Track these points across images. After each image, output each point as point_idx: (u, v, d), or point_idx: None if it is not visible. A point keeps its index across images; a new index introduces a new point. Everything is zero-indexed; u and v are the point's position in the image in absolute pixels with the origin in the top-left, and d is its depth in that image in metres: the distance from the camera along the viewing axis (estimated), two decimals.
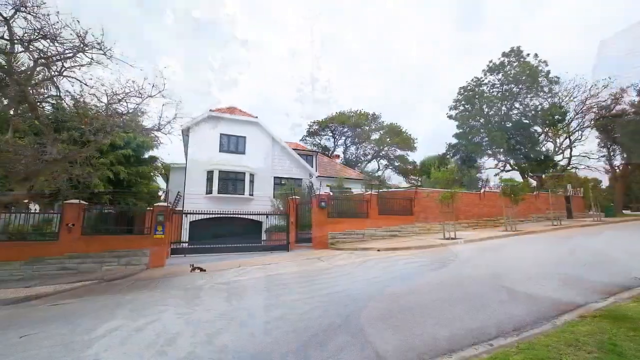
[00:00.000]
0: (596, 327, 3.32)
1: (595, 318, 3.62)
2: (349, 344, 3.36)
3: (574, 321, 3.61)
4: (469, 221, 17.64)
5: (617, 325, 3.34)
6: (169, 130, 7.48)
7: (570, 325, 3.48)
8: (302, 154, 23.40)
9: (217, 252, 12.61)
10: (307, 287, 6.14)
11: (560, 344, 3.00)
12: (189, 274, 8.50)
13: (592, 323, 3.46)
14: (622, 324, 3.36)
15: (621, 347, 2.83)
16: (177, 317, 4.68)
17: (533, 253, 8.65)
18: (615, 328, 3.28)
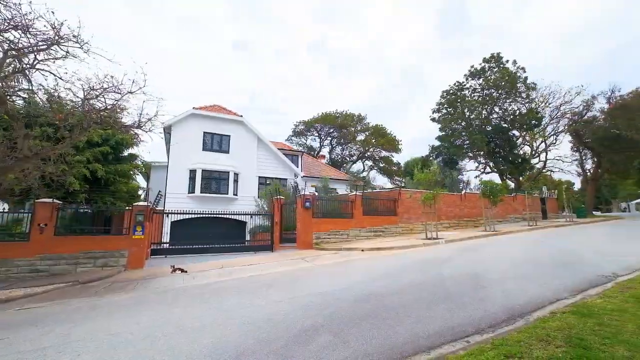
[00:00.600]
0: (565, 323, 3.49)
1: (564, 314, 3.80)
2: (331, 344, 3.38)
3: (545, 317, 3.77)
4: (450, 221, 18.10)
5: (584, 321, 3.52)
6: (150, 128, 7.26)
7: (542, 321, 3.64)
8: (288, 153, 23.31)
9: (199, 252, 12.38)
10: (290, 287, 6.12)
11: (532, 339, 3.13)
12: (170, 276, 8.30)
13: (562, 319, 3.63)
14: (588, 319, 3.55)
15: (587, 341, 2.99)
16: (156, 319, 4.56)
17: (510, 253, 8.97)
18: (582, 323, 3.45)
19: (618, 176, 33.77)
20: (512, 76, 27.16)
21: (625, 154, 26.25)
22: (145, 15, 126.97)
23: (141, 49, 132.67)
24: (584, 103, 28.03)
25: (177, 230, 16.28)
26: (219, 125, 19.45)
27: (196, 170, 17.99)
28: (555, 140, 30.35)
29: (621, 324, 3.40)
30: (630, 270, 6.05)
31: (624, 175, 32.74)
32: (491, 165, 30.90)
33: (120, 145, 12.86)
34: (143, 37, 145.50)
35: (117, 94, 6.86)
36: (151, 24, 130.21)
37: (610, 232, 13.41)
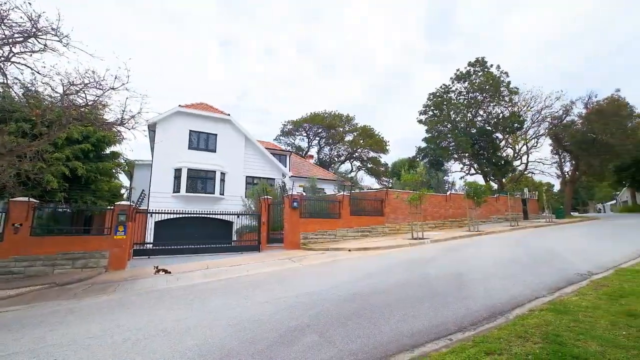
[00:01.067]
0: (543, 320, 3.61)
1: (542, 311, 3.93)
2: (317, 344, 3.38)
3: (524, 315, 3.89)
4: (435, 222, 18.42)
5: (561, 318, 3.65)
6: (133, 125, 7.05)
7: (521, 318, 3.75)
8: (276, 153, 23.18)
9: (184, 253, 12.14)
10: (277, 287, 6.09)
11: (511, 336, 3.22)
12: (153, 277, 8.11)
13: (540, 316, 3.76)
14: (564, 316, 3.68)
15: (562, 337, 3.10)
16: (138, 322, 4.44)
17: (492, 252, 9.20)
18: (558, 320, 3.58)
19: (594, 178, 35.23)
20: (496, 80, 27.89)
21: (601, 157, 27.38)
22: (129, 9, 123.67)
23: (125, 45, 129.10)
24: (563, 108, 29.12)
25: (161, 231, 15.92)
26: (206, 123, 19.15)
27: (182, 169, 17.64)
28: (536, 143, 31.38)
29: (594, 320, 3.54)
30: (604, 269, 6.31)
31: (600, 177, 34.19)
32: (475, 167, 31.66)
33: (102, 143, 12.47)
34: (127, 33, 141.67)
35: (98, 89, 6.63)
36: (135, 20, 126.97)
37: (586, 233, 13.96)
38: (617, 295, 4.41)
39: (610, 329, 3.28)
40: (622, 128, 26.05)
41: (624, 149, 25.90)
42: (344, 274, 7.14)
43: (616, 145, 25.55)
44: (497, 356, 2.82)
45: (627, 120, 27.02)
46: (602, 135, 26.06)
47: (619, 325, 3.37)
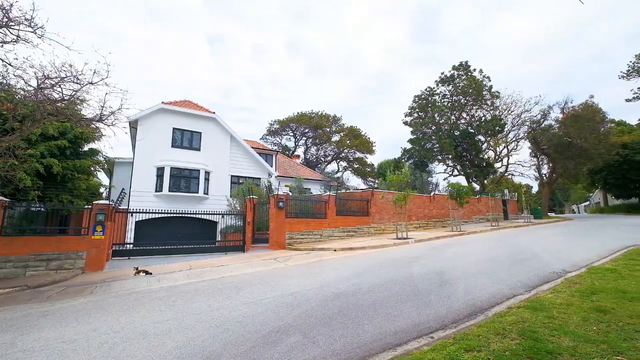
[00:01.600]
0: (520, 317, 3.73)
1: (519, 309, 4.06)
2: (300, 344, 3.37)
3: (502, 312, 4.01)
4: (420, 222, 18.75)
5: (536, 314, 3.79)
6: (113, 122, 6.80)
7: (499, 316, 3.86)
8: (262, 152, 22.97)
9: (166, 253, 11.85)
10: (261, 288, 6.03)
11: (490, 333, 3.31)
12: (133, 278, 7.86)
13: (517, 313, 3.88)
14: (540, 313, 3.82)
15: (538, 333, 3.22)
16: (115, 325, 4.30)
17: (474, 252, 9.45)
18: (534, 317, 3.71)
19: (570, 181, 36.75)
20: (479, 84, 28.66)
21: (576, 161, 28.61)
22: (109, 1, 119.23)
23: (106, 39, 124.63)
24: (542, 112, 30.24)
25: (142, 231, 15.48)
26: (190, 121, 18.76)
27: (164, 168, 17.21)
28: (516, 146, 32.47)
29: (568, 316, 3.69)
30: (577, 267, 6.59)
31: (575, 180, 35.70)
32: (458, 168, 32.42)
33: (80, 140, 11.95)
34: (108, 27, 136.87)
35: (76, 84, 6.37)
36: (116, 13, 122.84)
37: (562, 233, 14.54)
38: (589, 292, 4.62)
39: (582, 325, 3.43)
40: (595, 133, 27.33)
41: (596, 153, 27.17)
42: (329, 274, 7.15)
43: (590, 149, 26.77)
44: (477, 353, 2.89)
45: (600, 125, 28.37)
46: (577, 140, 27.24)
47: (590, 321, 3.52)
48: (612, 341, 2.99)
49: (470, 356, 2.84)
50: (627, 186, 33.43)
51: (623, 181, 32.88)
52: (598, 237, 11.83)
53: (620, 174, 32.15)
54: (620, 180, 32.94)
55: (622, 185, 33.58)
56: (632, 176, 31.64)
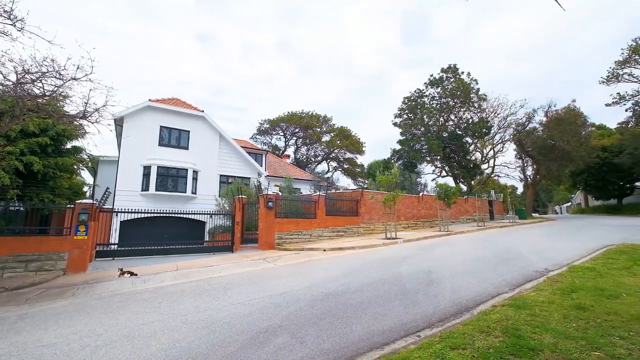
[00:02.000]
0: (504, 315, 3.81)
1: (503, 307, 4.15)
2: (288, 344, 3.35)
3: (487, 310, 4.09)
4: (408, 222, 18.96)
5: (520, 312, 3.88)
6: (97, 119, 6.62)
7: (484, 314, 3.94)
8: (251, 152, 22.79)
9: (152, 254, 11.61)
10: (250, 289, 5.98)
11: (475, 331, 3.38)
12: (117, 279, 7.67)
13: (501, 311, 3.97)
14: (523, 311, 3.92)
15: (520, 331, 3.30)
16: (98, 327, 4.18)
17: (461, 251, 9.62)
18: (517, 315, 3.80)
19: (553, 182, 37.86)
20: (467, 87, 29.20)
21: (558, 163, 29.50)
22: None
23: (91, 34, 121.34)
24: (526, 115, 31.09)
25: (128, 231, 15.13)
26: (178, 119, 18.44)
27: (151, 167, 16.86)
28: (502, 148, 33.23)
29: (549, 314, 3.80)
30: (559, 266, 6.79)
31: (558, 181, 36.80)
32: (446, 169, 32.95)
33: (62, 137, 11.56)
34: (95, 21, 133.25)
35: (58, 79, 6.17)
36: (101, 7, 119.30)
37: (545, 233, 14.96)
38: (569, 290, 4.76)
39: (563, 322, 3.53)
40: (577, 136, 28.25)
41: (578, 156, 28.09)
42: (319, 274, 7.15)
43: (572, 151, 27.66)
44: (462, 351, 2.94)
45: (582, 128, 29.35)
46: (559, 142, 28.09)
47: (570, 318, 3.63)
48: (591, 337, 3.09)
49: (455, 354, 2.88)
50: (606, 188, 34.69)
51: (603, 183, 34.10)
52: (579, 237, 12.22)
53: (600, 176, 33.34)
54: (600, 182, 34.16)
55: (601, 186, 34.81)
56: (611, 178, 32.85)
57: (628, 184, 34.11)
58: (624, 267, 6.23)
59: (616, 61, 25.99)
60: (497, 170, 34.68)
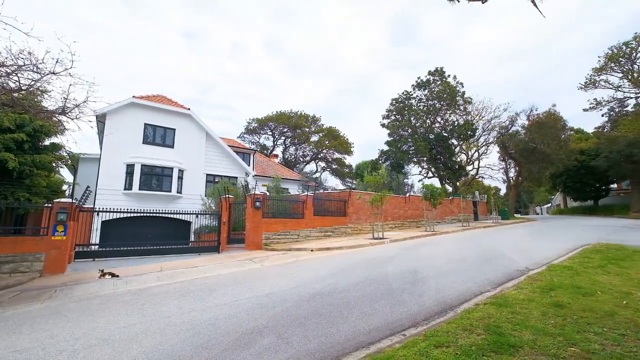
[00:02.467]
0: (486, 313, 3.90)
1: (486, 305, 4.25)
2: (274, 345, 3.33)
3: (470, 309, 4.18)
4: (395, 222, 19.18)
5: (501, 310, 3.98)
6: (77, 115, 6.39)
7: (467, 312, 4.02)
8: (239, 151, 22.55)
9: (135, 255, 11.31)
10: (236, 289, 5.90)
11: (458, 329, 3.44)
12: (97, 281, 7.43)
13: (483, 310, 4.06)
14: (504, 309, 4.02)
15: (502, 328, 3.38)
16: (76, 331, 4.04)
17: (446, 251, 9.80)
18: (499, 312, 3.90)
19: (534, 184, 39.12)
20: (452, 90, 29.78)
21: (539, 165, 30.52)
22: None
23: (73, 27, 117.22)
24: (509, 119, 32.00)
25: (109, 231, 14.70)
26: (163, 117, 18.04)
27: (134, 165, 16.43)
28: (486, 150, 34.10)
29: (529, 311, 3.91)
30: (539, 265, 7.01)
31: (538, 183, 38.06)
32: (433, 171, 33.51)
33: (40, 133, 11.13)
34: (76, 13, 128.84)
35: (36, 73, 5.93)
36: None
37: (526, 233, 15.42)
38: (548, 288, 4.92)
39: (542, 319, 3.64)
40: (556, 139, 29.30)
41: (557, 158, 29.14)
42: (306, 274, 7.13)
43: (552, 154, 28.67)
44: (445, 348, 2.99)
45: (561, 132, 30.46)
46: (540, 145, 29.06)
47: (549, 315, 3.75)
48: (568, 334, 3.20)
49: (439, 352, 2.93)
50: (584, 189, 36.12)
51: (580, 185, 35.49)
52: (558, 237, 12.66)
53: (578, 179, 34.70)
54: (578, 184, 35.54)
55: (579, 188, 36.23)
56: (588, 180, 34.24)
57: (604, 186, 35.66)
58: (599, 266, 6.49)
59: (593, 68, 27.10)
60: (481, 172, 35.58)
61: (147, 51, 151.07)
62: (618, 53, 24.69)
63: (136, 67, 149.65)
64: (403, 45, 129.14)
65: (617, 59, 24.89)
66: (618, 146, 26.58)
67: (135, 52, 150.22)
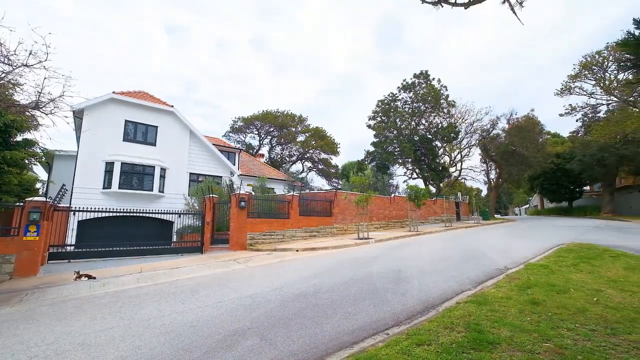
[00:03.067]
0: (466, 311, 4.00)
1: (466, 303, 4.36)
2: (257, 346, 3.29)
3: (451, 307, 4.27)
4: (380, 222, 19.39)
5: (481, 308, 4.09)
6: (52, 110, 6.10)
7: (449, 311, 4.11)
8: (224, 150, 22.20)
9: (114, 255, 10.92)
10: (219, 291, 5.80)
11: (440, 327, 3.51)
12: (73, 283, 7.13)
13: (464, 308, 4.16)
14: (484, 307, 4.13)
15: (481, 325, 3.48)
16: (49, 336, 3.86)
17: (429, 251, 9.99)
18: (479, 310, 4.01)
19: (513, 185, 40.51)
20: (437, 93, 30.42)
21: (518, 167, 31.61)
22: None
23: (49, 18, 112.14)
24: (491, 122, 33.00)
25: (87, 231, 14.13)
26: (145, 114, 17.51)
27: (114, 163, 15.87)
28: (468, 152, 35.01)
29: (507, 309, 4.04)
30: (517, 264, 7.25)
31: (518, 185, 39.44)
32: (417, 172, 34.10)
33: (11, 128, 10.53)
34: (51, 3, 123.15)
35: (7, 65, 5.63)
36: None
37: (506, 233, 15.93)
38: (525, 286, 5.10)
39: (518, 316, 3.77)
40: (534, 143, 30.45)
41: (535, 161, 30.28)
42: (290, 274, 7.10)
43: (530, 157, 29.77)
44: (427, 346, 3.05)
45: (539, 136, 31.66)
46: (519, 148, 30.12)
47: (525, 312, 3.89)
48: (542, 330, 3.33)
49: (421, 350, 2.98)
50: (559, 191, 37.71)
51: (556, 187, 37.03)
52: (535, 237, 13.15)
53: (554, 181, 36.18)
54: (554, 185, 37.06)
55: (555, 190, 37.79)
56: (564, 182, 35.76)
57: (578, 188, 37.34)
58: (572, 264, 6.79)
59: (569, 75, 28.29)
60: (463, 174, 36.49)
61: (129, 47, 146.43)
62: (591, 61, 25.89)
63: (118, 63, 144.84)
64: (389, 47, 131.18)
65: (590, 67, 26.10)
66: (591, 150, 27.90)
67: (116, 47, 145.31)
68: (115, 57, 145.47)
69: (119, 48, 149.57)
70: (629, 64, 3.14)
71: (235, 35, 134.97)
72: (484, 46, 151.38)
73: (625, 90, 22.81)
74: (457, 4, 3.70)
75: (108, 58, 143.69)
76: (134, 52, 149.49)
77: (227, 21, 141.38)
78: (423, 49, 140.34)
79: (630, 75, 3.03)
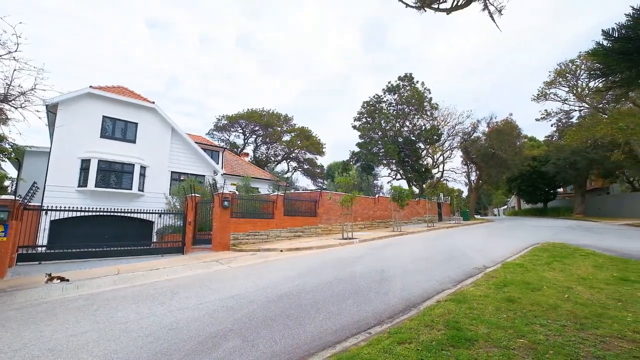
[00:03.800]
0: (446, 309, 4.10)
1: (446, 302, 4.46)
2: (239, 348, 3.25)
3: (432, 306, 4.36)
4: (365, 222, 19.56)
5: (460, 306, 4.20)
6: (22, 104, 5.80)
7: (429, 309, 4.19)
8: (207, 148, 21.79)
9: (89, 257, 10.50)
10: (200, 292, 5.68)
11: (420, 325, 3.58)
12: (44, 286, 6.79)
13: (444, 306, 4.26)
14: (463, 305, 4.24)
15: (460, 323, 3.57)
16: (16, 342, 3.66)
17: (412, 251, 10.17)
18: (458, 308, 4.11)
19: (492, 187, 41.88)
20: (421, 95, 31.02)
21: (497, 169, 32.72)
22: None
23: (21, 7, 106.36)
24: (472, 125, 33.98)
25: (60, 231, 13.51)
26: (125, 110, 16.93)
27: (90, 160, 15.25)
28: (450, 154, 35.92)
29: (484, 306, 4.17)
30: (495, 263, 7.50)
31: (496, 186, 40.80)
32: (401, 173, 34.65)
33: None
34: None
35: None
36: None
37: (485, 233, 16.45)
38: (502, 284, 5.28)
39: (495, 313, 3.90)
40: (512, 146, 31.62)
41: (513, 163, 31.45)
42: (274, 274, 7.05)
43: (508, 160, 30.89)
44: (408, 345, 3.10)
45: (517, 139, 32.89)
46: (498, 151, 31.19)
47: (502, 310, 4.02)
48: (517, 326, 3.45)
49: (402, 348, 3.02)
50: (535, 193, 39.36)
51: (532, 189, 38.62)
52: (512, 237, 13.65)
53: (531, 183, 37.72)
54: (530, 187, 38.63)
55: (531, 192, 39.41)
56: (539, 185, 37.35)
57: (552, 190, 39.09)
58: (546, 263, 7.08)
59: (545, 82, 29.49)
60: (445, 175, 37.38)
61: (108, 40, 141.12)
62: (565, 69, 27.11)
63: (96, 56, 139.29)
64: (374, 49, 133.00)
65: (564, 74, 27.32)
66: (564, 154, 29.24)
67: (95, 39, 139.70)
68: (93, 50, 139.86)
69: (97, 41, 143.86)
70: (598, 72, 3.30)
71: (221, 32, 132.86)
72: (468, 51, 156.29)
73: (596, 98, 24.01)
74: (439, 9, 3.78)
75: (85, 51, 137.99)
76: (113, 46, 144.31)
77: (211, 15, 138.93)
78: (408, 52, 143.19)
79: (600, 83, 3.18)
